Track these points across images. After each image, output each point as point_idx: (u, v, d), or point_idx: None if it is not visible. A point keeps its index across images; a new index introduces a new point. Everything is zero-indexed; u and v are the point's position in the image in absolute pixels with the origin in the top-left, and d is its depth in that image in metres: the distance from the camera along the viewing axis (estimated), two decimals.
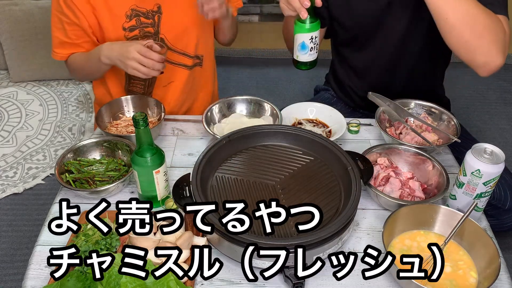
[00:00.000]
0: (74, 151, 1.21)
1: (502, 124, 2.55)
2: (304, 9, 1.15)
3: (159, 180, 1.05)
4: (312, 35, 1.20)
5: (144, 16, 1.39)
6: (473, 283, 0.91)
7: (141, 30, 1.41)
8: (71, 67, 1.49)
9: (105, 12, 1.35)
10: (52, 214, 1.10)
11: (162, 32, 1.43)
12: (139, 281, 0.85)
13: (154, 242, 0.94)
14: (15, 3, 2.66)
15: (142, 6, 1.38)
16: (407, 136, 1.25)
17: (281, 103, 1.40)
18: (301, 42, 1.19)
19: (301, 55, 1.20)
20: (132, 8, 1.37)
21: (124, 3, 1.36)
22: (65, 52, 1.44)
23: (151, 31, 1.42)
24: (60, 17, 1.37)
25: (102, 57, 1.31)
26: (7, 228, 1.94)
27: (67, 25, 1.37)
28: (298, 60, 1.22)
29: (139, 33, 1.41)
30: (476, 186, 0.98)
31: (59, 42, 1.42)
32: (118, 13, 1.36)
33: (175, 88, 1.55)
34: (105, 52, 1.31)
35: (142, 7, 1.38)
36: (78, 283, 0.88)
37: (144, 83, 1.51)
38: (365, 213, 1.09)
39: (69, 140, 2.40)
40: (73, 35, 1.39)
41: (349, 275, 0.94)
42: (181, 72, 1.53)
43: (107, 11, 1.35)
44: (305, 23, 1.18)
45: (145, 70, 1.24)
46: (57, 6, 1.36)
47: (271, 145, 1.17)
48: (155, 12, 1.39)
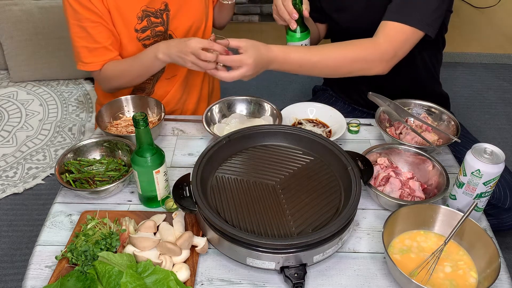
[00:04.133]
0: (74, 151, 1.21)
1: (502, 124, 2.55)
2: (293, 20, 1.27)
3: (159, 180, 1.05)
4: (302, 43, 1.32)
5: (154, 16, 1.41)
6: (473, 283, 0.91)
7: (152, 30, 1.42)
8: (107, 76, 1.43)
9: (118, 16, 1.36)
10: (52, 214, 1.10)
11: (170, 29, 1.45)
12: (139, 281, 0.86)
13: (154, 242, 0.94)
14: (15, 3, 2.66)
15: (151, 6, 1.39)
16: (407, 136, 1.25)
17: (281, 103, 1.40)
18: None
19: None
20: (142, 9, 1.38)
21: (134, 5, 1.37)
22: (98, 60, 1.40)
23: (161, 29, 1.44)
24: (81, 25, 1.35)
25: (161, 55, 1.28)
26: (7, 228, 1.94)
27: (91, 29, 1.35)
28: None
29: (150, 33, 1.42)
30: (476, 186, 0.98)
31: (88, 50, 1.38)
32: (129, 16, 1.37)
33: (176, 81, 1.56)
34: (163, 49, 1.28)
35: (152, 7, 1.40)
36: (78, 283, 0.88)
37: (153, 77, 1.52)
38: (365, 213, 1.09)
39: (69, 140, 2.40)
40: (101, 37, 1.36)
41: (349, 275, 0.95)
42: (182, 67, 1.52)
43: (119, 15, 1.36)
44: (296, 32, 1.30)
45: (203, 65, 1.23)
46: (75, 16, 1.33)
47: (271, 145, 1.17)
48: (163, 11, 1.41)
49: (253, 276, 0.95)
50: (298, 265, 0.92)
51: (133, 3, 1.37)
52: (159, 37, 1.44)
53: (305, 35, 1.32)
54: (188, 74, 1.57)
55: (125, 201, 1.13)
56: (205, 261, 0.98)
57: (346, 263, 0.98)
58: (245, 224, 0.96)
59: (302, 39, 1.32)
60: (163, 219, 1.03)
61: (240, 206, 1.01)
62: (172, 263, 0.93)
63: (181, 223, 1.01)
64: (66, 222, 1.07)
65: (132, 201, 1.13)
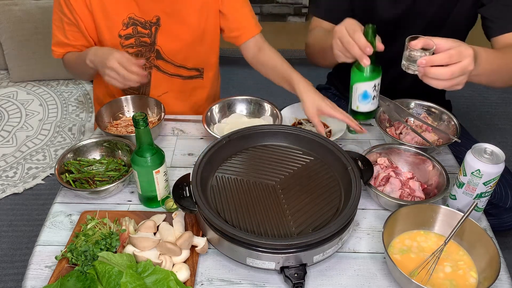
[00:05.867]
0: (74, 151, 1.21)
1: (502, 124, 2.55)
2: (366, 56, 1.02)
3: (159, 180, 1.05)
4: (375, 82, 1.07)
5: (142, 26, 1.38)
6: (473, 283, 0.91)
7: (137, 39, 1.39)
8: (66, 65, 1.48)
9: (102, 18, 1.35)
10: (52, 214, 1.10)
11: (158, 44, 1.41)
12: (139, 281, 0.86)
13: (154, 242, 0.94)
14: (15, 3, 2.66)
15: (141, 16, 1.36)
16: (407, 136, 1.25)
17: (281, 103, 1.40)
18: (363, 92, 1.08)
19: (363, 105, 1.10)
20: (129, 16, 1.36)
21: (121, 11, 1.35)
22: (61, 51, 1.44)
23: (147, 41, 1.40)
24: (60, 16, 1.37)
25: (87, 60, 1.29)
26: (7, 228, 1.94)
27: (66, 25, 1.37)
28: (358, 111, 1.12)
29: (134, 41, 1.39)
30: (476, 186, 0.98)
31: (57, 41, 1.42)
32: (114, 20, 1.35)
33: (170, 97, 1.52)
34: (90, 56, 1.29)
35: (141, 17, 1.36)
36: (78, 283, 0.88)
37: (138, 92, 1.49)
38: (365, 213, 1.09)
39: (69, 140, 2.40)
40: (72, 36, 1.38)
41: (349, 275, 0.95)
42: (177, 82, 1.51)
43: (104, 17, 1.34)
44: (367, 71, 1.05)
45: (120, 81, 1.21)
46: (58, 5, 1.36)
47: (271, 145, 1.17)
48: (153, 24, 1.38)
49: (253, 276, 0.95)
50: (298, 265, 0.91)
51: (121, 8, 1.35)
52: (144, 47, 1.41)
53: (376, 73, 1.06)
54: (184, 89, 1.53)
55: (125, 201, 1.13)
56: (205, 261, 0.98)
57: (346, 263, 0.98)
58: (245, 224, 0.96)
59: (372, 78, 1.06)
60: (163, 219, 1.03)
61: (240, 206, 1.00)
62: (172, 263, 0.93)
63: (181, 223, 1.01)
64: (66, 222, 1.07)
65: (132, 201, 1.13)
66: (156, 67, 1.46)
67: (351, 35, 1.04)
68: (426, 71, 0.96)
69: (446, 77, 0.96)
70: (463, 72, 0.96)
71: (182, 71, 1.50)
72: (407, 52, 0.98)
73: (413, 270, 0.92)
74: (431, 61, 0.95)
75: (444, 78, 0.96)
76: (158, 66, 1.46)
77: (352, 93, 1.12)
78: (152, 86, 1.49)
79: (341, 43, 1.07)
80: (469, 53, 0.95)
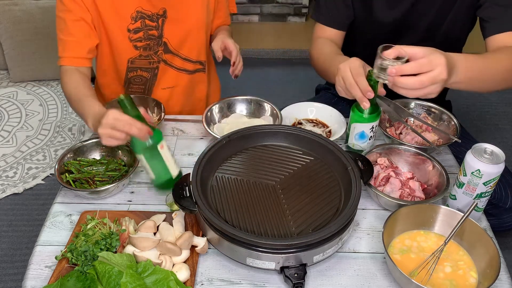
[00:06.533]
0: (74, 151, 1.21)
1: (502, 124, 2.55)
2: (367, 100, 1.05)
3: (166, 155, 1.03)
4: (373, 124, 1.13)
5: (149, 19, 1.39)
6: (473, 283, 0.91)
7: (145, 32, 1.41)
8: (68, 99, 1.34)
9: (111, 13, 1.34)
10: (52, 214, 1.10)
11: (165, 36, 1.44)
12: (139, 281, 0.86)
13: (154, 242, 0.94)
14: (15, 3, 2.66)
15: (148, 8, 1.38)
16: (407, 136, 1.25)
17: (281, 103, 1.40)
18: (360, 132, 1.15)
19: (359, 143, 1.18)
20: (137, 10, 1.37)
21: (130, 5, 1.36)
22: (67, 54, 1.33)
23: (155, 34, 1.42)
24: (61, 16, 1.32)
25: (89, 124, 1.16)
26: (7, 228, 1.94)
27: (70, 22, 1.31)
28: (352, 148, 1.19)
29: (143, 35, 1.41)
30: (476, 186, 0.98)
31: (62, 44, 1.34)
32: (123, 14, 1.36)
33: (176, 92, 1.56)
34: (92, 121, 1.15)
35: (148, 9, 1.38)
36: (78, 283, 0.88)
37: (144, 86, 1.52)
38: (365, 213, 1.09)
39: (69, 140, 2.40)
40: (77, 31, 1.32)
41: (349, 275, 0.95)
42: (183, 77, 1.54)
43: (113, 12, 1.34)
44: (366, 113, 1.11)
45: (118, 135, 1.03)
46: (61, 6, 1.31)
47: (271, 145, 1.17)
48: (160, 16, 1.40)
49: (253, 276, 0.95)
50: (298, 265, 0.91)
51: (128, 2, 1.35)
52: (152, 41, 1.42)
53: (375, 116, 1.12)
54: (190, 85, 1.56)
55: (125, 201, 1.13)
56: (205, 261, 0.98)
57: (346, 263, 0.98)
58: (245, 224, 0.96)
59: (370, 120, 1.12)
60: (163, 219, 1.03)
61: (240, 206, 1.00)
62: (172, 263, 0.93)
63: (181, 223, 1.01)
64: (66, 222, 1.07)
65: (132, 201, 1.13)
66: (164, 61, 1.49)
67: (354, 77, 1.05)
68: (395, 81, 0.95)
69: (415, 87, 0.94)
70: (433, 81, 0.94)
71: (187, 65, 1.52)
72: (379, 61, 0.98)
73: (413, 270, 0.92)
74: (401, 70, 0.94)
75: (413, 87, 0.94)
76: (166, 60, 1.49)
77: (350, 131, 1.18)
78: (160, 81, 1.52)
79: (343, 83, 1.08)
80: (440, 62, 0.93)
